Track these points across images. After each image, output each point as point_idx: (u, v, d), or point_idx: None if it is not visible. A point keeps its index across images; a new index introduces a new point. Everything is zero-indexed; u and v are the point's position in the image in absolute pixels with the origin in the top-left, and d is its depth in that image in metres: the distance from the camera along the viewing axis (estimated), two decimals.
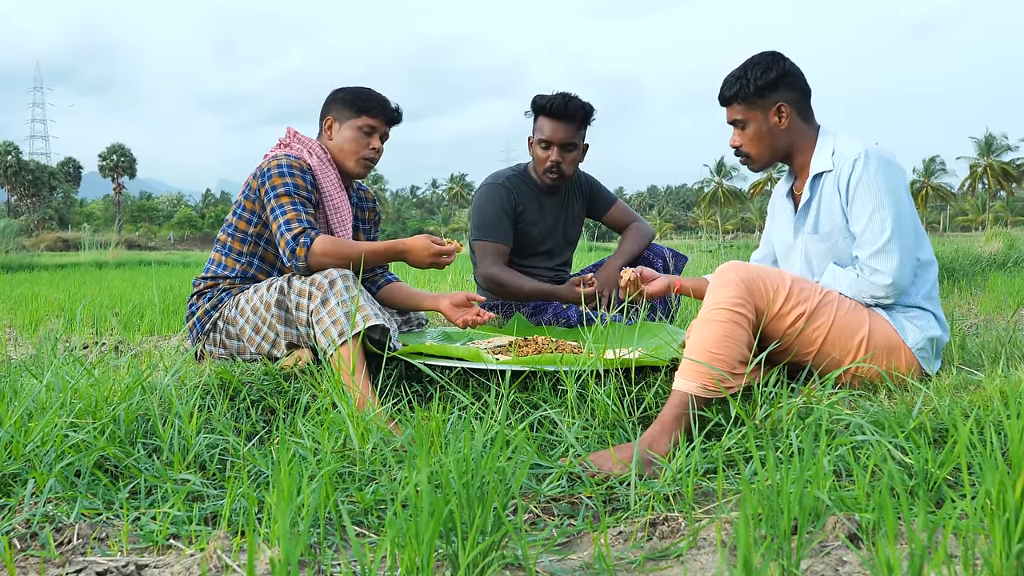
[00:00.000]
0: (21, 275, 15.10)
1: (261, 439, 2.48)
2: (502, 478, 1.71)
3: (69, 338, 5.29)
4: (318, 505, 1.79)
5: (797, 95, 2.81)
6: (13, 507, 1.88)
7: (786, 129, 2.80)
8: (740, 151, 2.88)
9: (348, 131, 3.23)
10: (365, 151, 3.25)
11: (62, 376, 2.50)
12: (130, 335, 5.52)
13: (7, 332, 5.81)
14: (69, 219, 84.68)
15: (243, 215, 3.17)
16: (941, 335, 2.69)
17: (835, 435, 2.12)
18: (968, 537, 1.43)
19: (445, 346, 2.91)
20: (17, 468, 2.01)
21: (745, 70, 2.80)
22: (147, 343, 5.01)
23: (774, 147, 2.83)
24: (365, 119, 3.23)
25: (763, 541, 1.59)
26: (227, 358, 3.11)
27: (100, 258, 22.37)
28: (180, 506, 1.88)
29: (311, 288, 2.81)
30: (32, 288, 10.21)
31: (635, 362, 2.66)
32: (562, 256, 4.24)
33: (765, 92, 2.77)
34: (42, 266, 19.00)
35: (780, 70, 2.77)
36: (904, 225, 2.62)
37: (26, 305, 7.31)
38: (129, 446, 2.19)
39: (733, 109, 2.84)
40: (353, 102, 3.24)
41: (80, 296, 8.48)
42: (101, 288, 10.02)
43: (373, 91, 3.29)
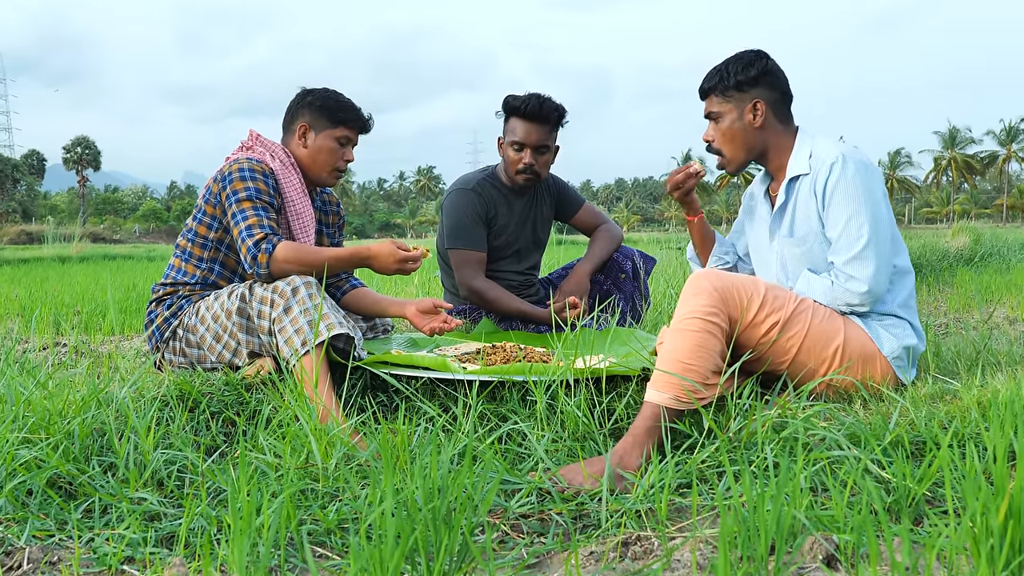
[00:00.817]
0: None
1: (222, 453, 2.41)
2: (469, 498, 1.66)
3: (28, 339, 5.19)
4: (279, 526, 1.73)
5: (776, 96, 2.77)
6: None
7: (760, 128, 2.76)
8: (712, 147, 2.84)
9: (324, 141, 3.15)
10: (339, 162, 3.18)
11: (15, 387, 2.42)
12: (91, 335, 5.43)
13: None
14: (33, 212, 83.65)
15: (203, 220, 3.08)
16: (917, 344, 2.66)
17: (811, 448, 2.08)
18: (952, 562, 1.39)
19: (411, 355, 2.84)
20: None
21: (727, 64, 2.77)
22: (108, 343, 4.93)
23: (747, 145, 2.79)
24: (343, 130, 3.16)
25: (740, 565, 1.55)
26: (187, 367, 3.02)
27: (63, 252, 22.09)
28: (136, 527, 1.81)
29: (273, 296, 2.73)
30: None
31: (606, 371, 2.61)
32: (531, 259, 4.17)
33: (744, 87, 2.74)
34: (4, 260, 18.77)
35: (761, 67, 2.74)
36: (881, 231, 2.58)
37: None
38: (84, 462, 2.11)
39: (710, 101, 2.81)
40: (331, 112, 3.15)
41: (42, 293, 8.36)
42: (63, 284, 9.89)
43: (346, 98, 3.21)
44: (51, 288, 9.66)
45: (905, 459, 1.99)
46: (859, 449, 2.02)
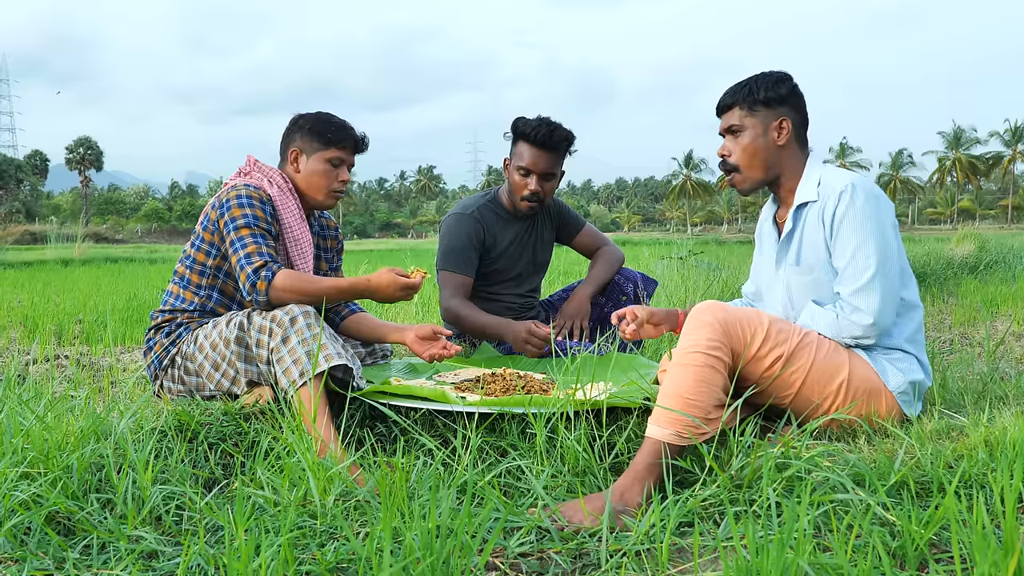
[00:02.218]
0: None
1: (221, 486, 2.40)
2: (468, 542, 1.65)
3: (29, 351, 5.19)
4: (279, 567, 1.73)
5: (799, 118, 2.75)
6: None
7: (782, 147, 2.72)
8: (728, 162, 2.78)
9: (316, 163, 3.14)
10: (334, 183, 3.16)
11: (15, 419, 2.41)
12: (92, 347, 5.44)
13: None
14: (36, 212, 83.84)
15: (202, 247, 3.06)
16: (923, 379, 2.63)
17: (814, 488, 2.06)
18: None
19: (410, 386, 2.82)
20: None
21: (755, 80, 2.73)
22: (109, 355, 4.93)
23: (766, 163, 2.74)
24: (334, 151, 3.14)
25: None
26: (186, 394, 3.01)
27: (66, 255, 22.14)
28: (134, 568, 1.80)
29: (272, 325, 2.72)
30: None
31: (606, 403, 2.59)
32: (531, 282, 4.16)
33: (772, 103, 2.71)
34: (8, 263, 18.81)
35: (790, 87, 2.72)
36: (889, 262, 2.55)
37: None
38: (82, 498, 2.10)
39: (732, 114, 2.76)
40: (321, 133, 3.14)
41: (45, 299, 8.37)
42: (66, 290, 9.90)
43: (338, 119, 3.19)
44: (54, 292, 9.68)
45: (911, 501, 1.97)
46: (863, 490, 2.00)
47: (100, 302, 8.01)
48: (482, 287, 4.04)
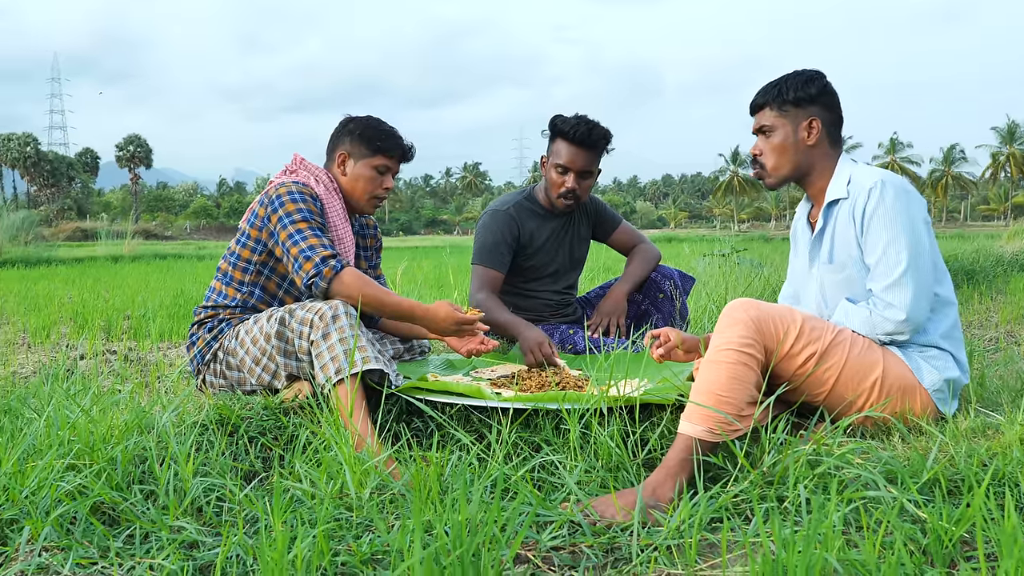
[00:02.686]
0: (39, 270, 15.20)
1: (260, 478, 2.45)
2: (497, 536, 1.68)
3: (79, 345, 5.30)
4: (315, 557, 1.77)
5: (831, 116, 2.75)
6: (9, 555, 1.86)
7: (812, 146, 2.73)
8: (758, 160, 2.81)
9: (363, 169, 3.19)
10: (378, 190, 3.22)
11: (62, 412, 2.48)
12: (139, 342, 5.53)
13: (21, 337, 5.83)
14: (87, 209, 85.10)
15: (247, 243, 3.12)
16: (959, 376, 2.61)
17: (846, 485, 2.07)
18: None
19: (446, 382, 2.86)
20: (13, 514, 1.99)
21: (785, 80, 2.74)
22: (155, 351, 5.02)
23: (795, 162, 2.76)
24: (382, 159, 3.19)
25: None
26: (227, 389, 3.07)
27: (116, 251, 22.50)
28: (175, 556, 1.85)
29: (314, 318, 2.76)
30: (49, 285, 10.27)
31: (640, 400, 2.61)
32: (568, 279, 4.18)
33: (802, 103, 2.72)
34: (59, 260, 19.13)
35: (821, 86, 2.72)
36: (921, 258, 2.54)
37: (41, 307, 7.35)
38: (126, 489, 2.16)
39: (763, 114, 2.78)
40: (371, 140, 3.18)
41: (94, 295, 8.52)
42: (115, 286, 10.06)
43: (388, 127, 3.24)
44: (103, 288, 9.84)
45: (943, 498, 1.97)
46: (896, 488, 2.00)
47: (148, 298, 8.14)
48: (520, 284, 4.07)
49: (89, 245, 29.41)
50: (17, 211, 24.63)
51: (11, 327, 6.29)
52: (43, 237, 29.23)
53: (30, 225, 23.27)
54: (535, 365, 3.41)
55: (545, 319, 4.09)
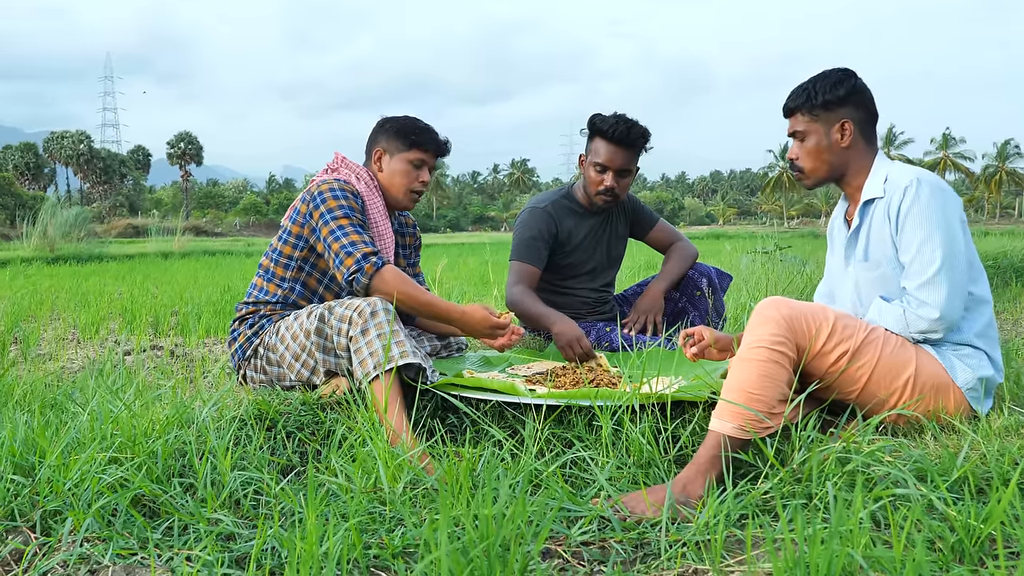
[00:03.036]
0: (91, 266, 15.47)
1: (297, 472, 2.50)
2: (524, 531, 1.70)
3: (128, 341, 5.40)
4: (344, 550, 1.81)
5: (863, 115, 2.74)
6: (52, 545, 1.92)
7: (847, 147, 2.73)
8: (795, 164, 2.82)
9: (399, 164, 3.25)
10: (414, 184, 3.27)
11: (105, 407, 2.54)
12: (186, 338, 5.63)
13: (71, 332, 5.95)
14: (139, 205, 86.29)
15: (289, 240, 3.18)
16: (994, 375, 2.60)
17: (875, 483, 2.07)
18: None
19: (480, 379, 2.90)
20: (57, 505, 2.05)
21: (814, 83, 2.74)
22: (201, 347, 5.10)
23: (831, 164, 2.76)
24: (416, 152, 3.25)
25: None
26: (267, 384, 3.13)
27: (166, 248, 22.82)
28: (212, 548, 1.89)
29: (353, 315, 2.81)
30: (99, 281, 10.45)
31: (672, 397, 2.63)
32: (605, 276, 4.20)
33: (832, 106, 2.71)
34: (111, 256, 19.44)
35: (850, 86, 2.71)
36: (956, 256, 2.53)
37: (92, 303, 7.48)
38: (166, 482, 2.21)
39: (796, 120, 2.78)
40: (405, 135, 3.25)
41: (143, 292, 8.66)
42: (164, 282, 10.21)
43: (422, 123, 3.30)
44: (152, 284, 10.00)
45: (972, 497, 1.97)
46: (924, 485, 2.01)
47: (196, 294, 8.25)
48: (558, 281, 4.10)
49: (140, 242, 29.86)
50: (70, 208, 25.00)
51: (62, 323, 6.42)
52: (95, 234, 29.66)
53: (83, 222, 23.62)
54: (573, 359, 3.44)
55: (583, 316, 4.12)
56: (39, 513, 2.03)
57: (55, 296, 8.38)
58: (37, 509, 2.04)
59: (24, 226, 21.87)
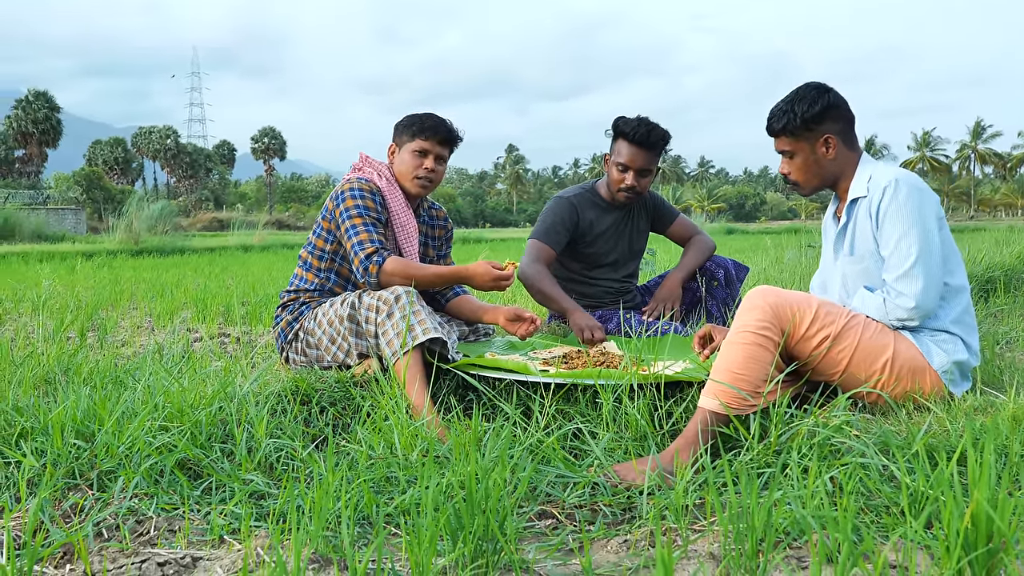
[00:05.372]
0: (172, 259, 15.96)
1: (327, 441, 2.76)
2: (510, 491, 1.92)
3: (198, 329, 5.71)
4: (359, 506, 2.06)
5: (842, 126, 2.91)
6: (106, 500, 2.19)
7: (833, 159, 2.91)
8: (788, 179, 2.99)
9: (405, 154, 3.51)
10: (418, 171, 3.50)
11: (159, 381, 2.83)
12: (253, 326, 5.92)
13: (146, 321, 6.27)
14: (224, 199, 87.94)
15: (321, 234, 3.47)
16: (968, 359, 2.76)
17: (842, 454, 2.26)
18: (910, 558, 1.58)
19: (497, 359, 3.14)
20: (112, 466, 2.32)
21: (792, 104, 2.90)
22: (267, 335, 5.39)
23: (822, 175, 2.94)
24: (419, 142, 3.49)
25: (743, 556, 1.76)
26: (307, 365, 3.41)
27: (246, 241, 23.38)
28: (243, 505, 2.15)
29: (379, 303, 3.08)
30: (179, 273, 10.84)
31: (665, 378, 2.83)
32: (627, 268, 4.41)
33: (812, 125, 2.87)
34: (192, 249, 19.95)
35: (825, 103, 2.87)
36: (931, 250, 2.70)
37: (170, 292, 7.82)
38: (208, 448, 2.48)
39: (781, 141, 2.95)
40: (410, 126, 3.52)
41: (219, 283, 9.01)
42: (240, 275, 10.56)
43: (431, 115, 3.55)
44: (230, 276, 10.38)
45: (932, 466, 2.15)
46: (887, 457, 2.19)
47: (268, 285, 8.57)
48: (583, 271, 4.32)
49: (223, 235, 30.48)
50: (156, 202, 25.74)
51: (138, 312, 6.76)
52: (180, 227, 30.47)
53: (168, 215, 24.28)
54: (588, 343, 3.65)
55: (606, 305, 4.32)
56: (96, 473, 2.31)
57: (135, 287, 8.75)
58: (95, 470, 2.32)
59: (111, 219, 22.52)
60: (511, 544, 1.80)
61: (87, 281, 9.46)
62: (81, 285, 8.83)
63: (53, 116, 66.42)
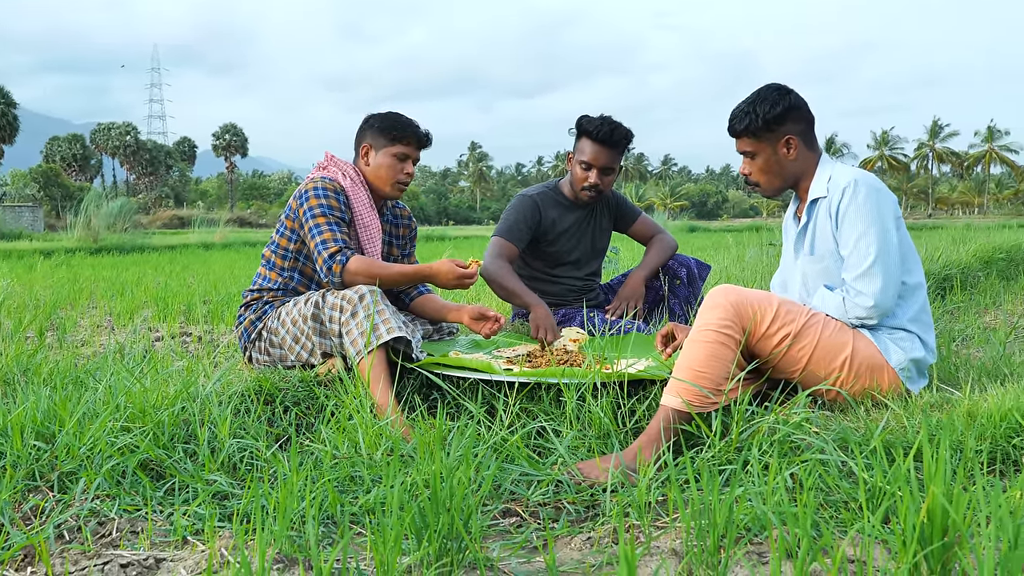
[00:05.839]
0: (132, 257, 15.78)
1: (291, 441, 2.75)
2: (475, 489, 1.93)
3: (159, 328, 5.66)
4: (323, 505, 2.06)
5: (803, 126, 2.94)
6: (67, 502, 2.17)
7: (794, 159, 2.94)
8: (749, 179, 3.02)
9: (383, 158, 3.49)
10: (399, 176, 3.50)
11: (121, 382, 2.81)
12: (215, 325, 5.88)
13: (106, 320, 6.21)
14: (185, 197, 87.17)
15: (285, 233, 3.46)
16: (925, 356, 2.81)
17: (802, 451, 2.29)
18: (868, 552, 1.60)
19: (461, 358, 3.15)
20: (73, 467, 2.31)
21: (753, 105, 2.92)
22: (229, 334, 5.36)
23: (783, 176, 2.97)
24: (399, 147, 3.48)
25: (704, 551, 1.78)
26: (271, 364, 3.40)
27: (208, 239, 23.17)
28: (207, 505, 2.14)
29: (343, 302, 3.08)
30: (139, 271, 10.74)
31: (628, 376, 2.85)
32: (590, 266, 4.43)
33: (773, 126, 2.90)
34: (152, 247, 19.73)
35: (787, 104, 2.90)
36: (889, 250, 2.74)
37: (131, 291, 7.74)
38: (170, 448, 2.47)
39: (743, 142, 2.97)
40: (387, 130, 3.49)
41: (180, 281, 8.94)
42: (201, 273, 10.49)
43: (404, 117, 3.54)
44: (191, 274, 10.31)
45: (889, 462, 2.18)
46: (845, 454, 2.23)
47: (230, 284, 8.51)
48: (546, 270, 4.33)
49: (183, 233, 30.17)
50: (115, 199, 25.44)
51: (98, 311, 6.69)
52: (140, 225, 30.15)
53: (127, 213, 23.99)
54: (540, 339, 3.68)
55: (569, 303, 4.34)
56: (56, 474, 2.29)
57: (94, 285, 8.65)
58: (56, 471, 2.30)
59: (69, 217, 22.23)
60: (476, 542, 1.81)
61: (45, 280, 9.35)
62: (39, 284, 8.72)
63: (9, 112, 65.35)
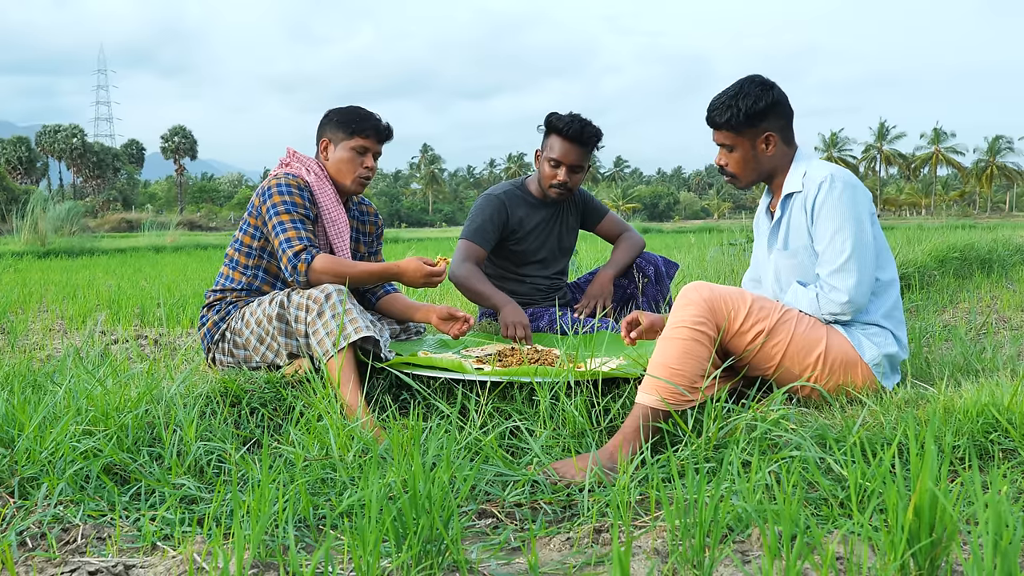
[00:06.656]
0: (82, 260, 15.55)
1: (258, 444, 2.69)
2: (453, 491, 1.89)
3: (114, 331, 5.56)
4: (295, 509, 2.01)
5: (783, 122, 2.93)
6: (29, 508, 2.10)
7: (772, 155, 2.92)
8: (725, 170, 3.00)
9: (343, 152, 3.44)
10: (360, 170, 3.46)
11: (81, 384, 2.73)
12: (170, 328, 5.79)
13: (58, 323, 6.10)
14: (133, 200, 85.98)
15: (248, 230, 3.39)
16: (898, 352, 2.82)
17: (779, 448, 2.27)
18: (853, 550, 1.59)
19: (431, 357, 3.10)
20: (34, 472, 2.23)
21: (735, 99, 2.89)
22: (185, 336, 5.28)
23: (759, 170, 2.95)
24: (358, 140, 3.43)
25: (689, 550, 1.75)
26: (235, 366, 3.33)
27: (158, 242, 22.89)
28: (175, 510, 2.08)
29: (308, 302, 3.02)
30: (90, 275, 10.57)
31: (602, 374, 2.83)
32: (557, 265, 4.41)
33: (754, 121, 2.88)
34: (102, 250, 19.45)
35: (769, 99, 2.88)
36: (864, 246, 2.74)
37: (81, 294, 7.61)
38: (135, 452, 2.40)
39: (722, 134, 2.94)
40: (346, 124, 3.43)
41: (133, 284, 8.81)
42: (154, 276, 10.35)
43: (364, 111, 3.49)
44: (142, 277, 10.16)
45: (866, 459, 2.17)
46: (823, 451, 2.21)
47: (184, 286, 8.40)
48: (513, 269, 4.30)
49: (133, 236, 29.83)
50: (62, 202, 25.07)
51: (50, 314, 6.56)
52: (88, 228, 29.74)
53: (75, 216, 23.68)
54: (512, 338, 3.66)
55: (537, 302, 4.32)
56: (17, 480, 2.21)
57: (44, 289, 8.51)
58: (15, 476, 2.22)
59: (15, 220, 21.88)
60: (456, 544, 1.77)
61: None
62: None
63: None
